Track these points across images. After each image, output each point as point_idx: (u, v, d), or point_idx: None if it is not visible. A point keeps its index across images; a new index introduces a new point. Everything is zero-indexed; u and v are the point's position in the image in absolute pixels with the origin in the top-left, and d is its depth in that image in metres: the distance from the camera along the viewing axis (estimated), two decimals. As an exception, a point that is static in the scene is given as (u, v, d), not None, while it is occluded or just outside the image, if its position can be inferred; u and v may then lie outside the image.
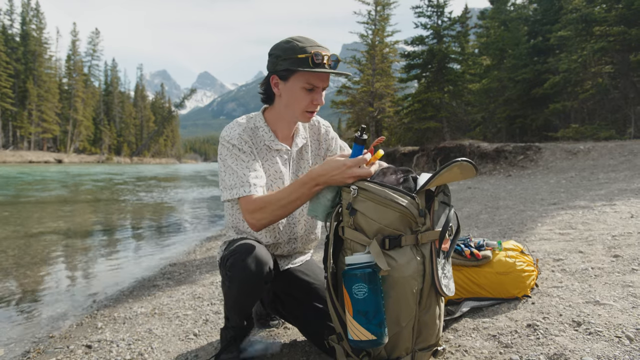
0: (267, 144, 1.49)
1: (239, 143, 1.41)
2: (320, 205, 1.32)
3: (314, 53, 1.32)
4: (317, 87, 1.39)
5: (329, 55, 1.35)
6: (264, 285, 1.36)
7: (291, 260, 1.62)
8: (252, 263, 1.31)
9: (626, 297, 1.73)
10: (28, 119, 54.97)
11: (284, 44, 1.38)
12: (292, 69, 1.34)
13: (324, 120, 1.69)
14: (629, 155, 9.11)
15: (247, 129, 1.46)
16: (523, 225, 3.69)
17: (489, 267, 1.84)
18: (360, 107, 20.58)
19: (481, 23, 25.82)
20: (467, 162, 1.18)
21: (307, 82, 1.37)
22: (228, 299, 1.44)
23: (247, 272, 1.30)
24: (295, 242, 1.59)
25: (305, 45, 1.34)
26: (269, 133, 1.49)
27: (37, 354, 1.92)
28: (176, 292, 2.74)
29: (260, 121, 1.50)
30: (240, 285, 1.34)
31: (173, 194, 13.35)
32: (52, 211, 8.23)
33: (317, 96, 1.40)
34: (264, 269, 1.32)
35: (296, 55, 1.33)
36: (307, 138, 1.61)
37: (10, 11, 57.02)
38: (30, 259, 4.21)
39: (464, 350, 1.46)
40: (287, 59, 1.34)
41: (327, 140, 1.65)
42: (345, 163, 1.23)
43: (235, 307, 1.44)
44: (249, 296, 1.38)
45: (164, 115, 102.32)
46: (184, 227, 6.56)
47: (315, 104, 1.41)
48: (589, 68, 16.38)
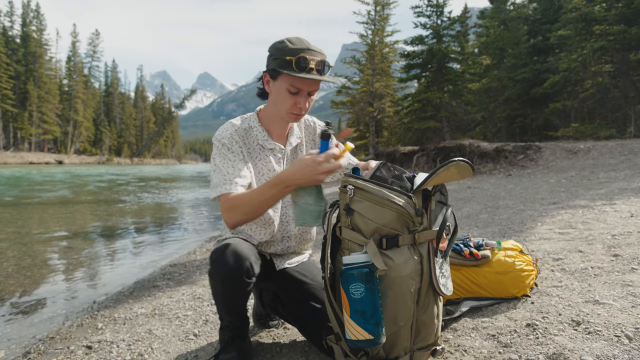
0: (260, 143, 1.50)
1: (229, 142, 1.44)
2: (303, 211, 1.30)
3: (300, 57, 1.31)
4: (301, 90, 1.38)
5: (318, 60, 1.34)
6: (246, 281, 1.35)
7: (287, 260, 1.63)
8: (232, 257, 1.32)
9: (626, 297, 1.73)
10: (29, 120, 55.01)
11: (277, 44, 1.38)
12: (278, 69, 1.36)
13: (320, 121, 1.69)
14: (629, 155, 9.11)
15: (240, 129, 1.48)
16: (523, 225, 3.69)
17: (488, 266, 1.84)
18: (360, 107, 20.56)
19: (481, 22, 25.79)
20: (464, 161, 1.19)
21: (292, 85, 1.36)
22: (215, 296, 1.45)
23: (227, 267, 1.32)
24: (290, 241, 1.60)
25: (296, 47, 1.33)
26: (263, 132, 1.51)
27: (37, 354, 1.93)
28: (176, 293, 2.74)
29: (254, 121, 1.52)
30: (222, 280, 1.35)
31: (174, 194, 13.36)
32: (53, 212, 8.23)
33: (301, 100, 1.39)
34: (244, 264, 1.32)
35: (284, 57, 1.33)
36: (302, 138, 1.62)
37: (11, 13, 57.08)
38: (30, 260, 4.22)
39: (463, 350, 1.46)
40: (277, 59, 1.35)
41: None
42: (315, 159, 1.22)
43: (224, 305, 1.45)
44: (234, 292, 1.38)
45: (164, 116, 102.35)
46: (184, 228, 6.56)
47: (299, 107, 1.40)
48: (589, 67, 16.36)
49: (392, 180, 1.26)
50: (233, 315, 1.47)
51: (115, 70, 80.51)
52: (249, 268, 1.34)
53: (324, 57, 1.37)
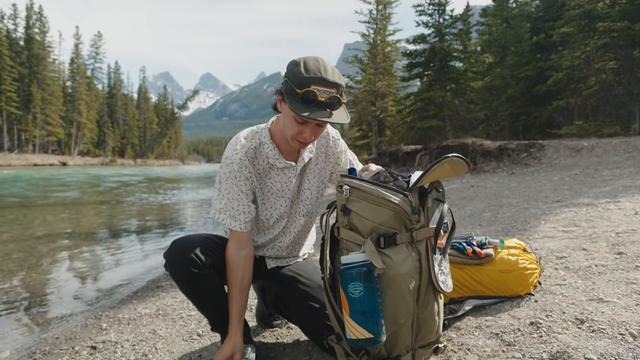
0: (270, 163, 1.45)
1: (239, 168, 1.40)
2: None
3: (308, 91, 1.22)
4: (308, 122, 1.30)
5: (328, 95, 1.23)
6: (194, 271, 1.37)
7: (279, 262, 1.62)
8: (175, 253, 1.39)
9: (630, 295, 1.72)
10: (32, 123, 55.31)
11: (293, 66, 1.28)
12: (285, 96, 1.28)
13: (333, 128, 1.60)
14: (634, 152, 9.05)
15: (250, 149, 1.43)
16: (526, 223, 3.68)
17: (491, 265, 1.83)
18: (363, 107, 20.55)
19: (483, 20, 25.71)
20: (458, 157, 1.19)
21: (297, 115, 1.26)
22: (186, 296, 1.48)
23: (174, 263, 1.38)
24: (281, 251, 1.60)
25: (309, 76, 1.23)
26: (274, 150, 1.44)
27: (42, 355, 1.94)
28: (180, 293, 2.75)
29: (266, 137, 1.45)
30: (174, 277, 1.41)
31: (178, 194, 13.41)
32: (58, 213, 8.28)
33: (307, 130, 1.31)
34: (187, 256, 1.36)
35: (294, 86, 1.24)
36: (315, 151, 1.54)
37: (14, 15, 57.34)
38: (35, 260, 4.25)
39: (467, 349, 1.45)
40: (288, 85, 1.27)
41: (335, 154, 1.58)
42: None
43: (195, 303, 1.47)
44: (190, 286, 1.40)
45: (167, 117, 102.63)
46: (188, 228, 6.58)
47: (303, 137, 1.33)
48: (592, 64, 16.26)
49: (388, 180, 1.26)
50: (210, 312, 1.47)
51: (118, 71, 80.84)
52: (194, 258, 1.37)
53: (338, 88, 1.26)
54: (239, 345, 1.40)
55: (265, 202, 1.49)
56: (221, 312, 1.44)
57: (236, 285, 1.41)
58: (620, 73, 16.00)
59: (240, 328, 1.43)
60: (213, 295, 1.44)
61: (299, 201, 1.54)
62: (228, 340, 1.40)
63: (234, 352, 1.38)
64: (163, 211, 8.98)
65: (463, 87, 18.25)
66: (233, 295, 1.41)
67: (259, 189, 1.47)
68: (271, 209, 1.50)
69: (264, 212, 1.49)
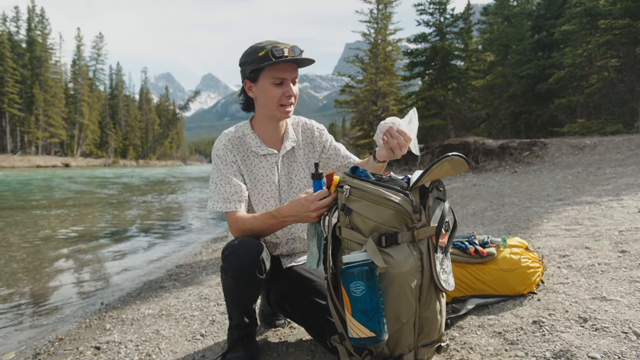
0: (253, 150, 1.55)
1: (223, 153, 1.51)
2: (308, 254, 1.38)
3: (272, 48, 1.39)
4: (285, 79, 1.44)
5: (289, 47, 1.41)
6: (258, 277, 1.39)
7: (294, 259, 1.65)
8: (243, 252, 1.38)
9: (633, 293, 1.71)
10: (35, 124, 55.54)
11: (246, 51, 1.47)
12: (256, 68, 1.42)
13: (319, 123, 1.72)
14: (637, 150, 9.02)
15: (234, 137, 1.55)
16: (529, 222, 3.67)
17: (493, 264, 1.83)
18: (364, 106, 20.53)
19: (484, 19, 25.61)
20: (458, 156, 1.19)
21: (274, 77, 1.43)
22: (226, 292, 1.47)
23: (239, 261, 1.37)
24: (294, 242, 1.63)
25: (264, 44, 1.42)
26: (256, 139, 1.56)
27: (47, 355, 1.95)
28: (183, 293, 2.76)
29: (247, 129, 1.57)
30: (234, 275, 1.39)
31: (180, 194, 13.43)
32: (61, 214, 8.31)
33: (288, 88, 1.45)
34: (256, 258, 1.37)
35: (257, 55, 1.41)
36: (299, 141, 1.64)
37: (17, 18, 57.58)
38: (39, 262, 4.27)
39: (470, 348, 1.46)
40: (252, 62, 1.43)
41: (320, 142, 1.68)
42: (307, 199, 1.31)
43: (234, 302, 1.47)
44: (245, 287, 1.41)
45: (169, 117, 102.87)
46: (190, 228, 6.60)
47: (288, 96, 1.45)
48: (594, 62, 16.21)
49: (388, 180, 1.27)
50: (243, 313, 1.49)
51: (119, 73, 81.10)
52: (261, 263, 1.38)
53: (295, 45, 1.43)
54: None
55: (253, 190, 1.55)
56: (250, 316, 1.51)
57: (261, 217, 1.43)
58: (623, 70, 15.94)
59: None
60: (253, 300, 1.49)
61: (292, 190, 1.60)
62: (293, 202, 1.35)
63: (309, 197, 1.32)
64: (165, 211, 9.00)
65: (464, 86, 18.24)
66: (264, 212, 1.44)
67: (246, 175, 1.55)
68: (259, 195, 1.56)
69: (254, 199, 1.56)
